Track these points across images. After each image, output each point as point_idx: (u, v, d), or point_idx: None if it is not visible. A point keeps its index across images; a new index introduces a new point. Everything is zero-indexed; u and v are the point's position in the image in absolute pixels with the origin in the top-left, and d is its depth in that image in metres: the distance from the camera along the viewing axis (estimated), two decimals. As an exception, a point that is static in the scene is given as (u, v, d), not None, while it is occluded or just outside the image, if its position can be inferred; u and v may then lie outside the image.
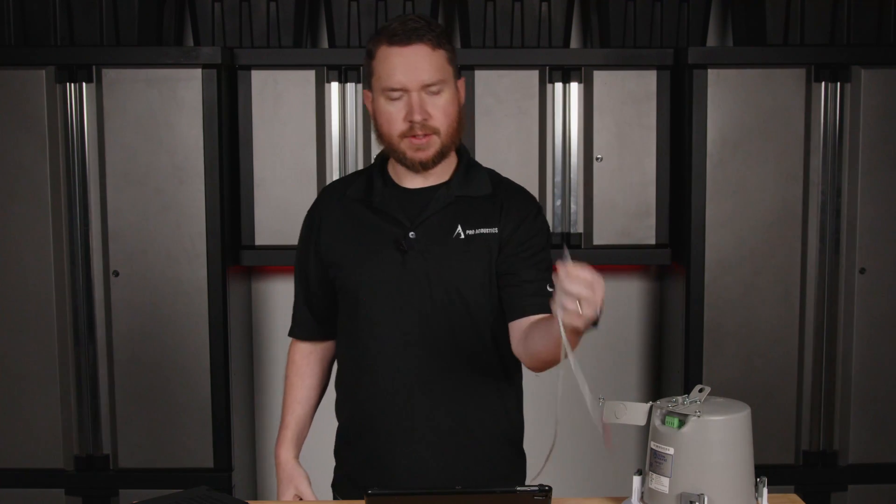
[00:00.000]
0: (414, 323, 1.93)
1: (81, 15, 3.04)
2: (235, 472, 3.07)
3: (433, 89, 1.86)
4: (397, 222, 1.93)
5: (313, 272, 2.04)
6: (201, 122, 2.93)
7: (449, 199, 1.94)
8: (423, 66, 1.84)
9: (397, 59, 1.85)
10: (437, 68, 1.86)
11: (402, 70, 1.84)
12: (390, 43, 1.86)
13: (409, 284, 1.92)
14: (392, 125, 1.88)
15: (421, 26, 1.86)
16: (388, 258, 1.92)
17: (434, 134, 1.87)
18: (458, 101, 1.92)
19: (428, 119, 1.86)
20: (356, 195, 1.99)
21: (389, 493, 1.70)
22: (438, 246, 1.92)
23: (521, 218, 1.96)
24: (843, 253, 3.01)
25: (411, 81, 1.84)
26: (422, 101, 1.85)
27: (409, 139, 1.87)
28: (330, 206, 2.02)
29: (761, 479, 1.78)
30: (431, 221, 1.93)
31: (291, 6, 3.10)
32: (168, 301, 2.97)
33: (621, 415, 1.80)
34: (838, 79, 2.97)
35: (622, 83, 3.04)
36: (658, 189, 3.08)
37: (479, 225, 1.94)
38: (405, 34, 1.85)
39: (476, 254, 1.93)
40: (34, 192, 2.93)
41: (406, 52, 1.85)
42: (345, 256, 1.96)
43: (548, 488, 1.63)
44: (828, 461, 3.07)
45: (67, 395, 3.00)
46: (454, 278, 1.92)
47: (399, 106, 1.87)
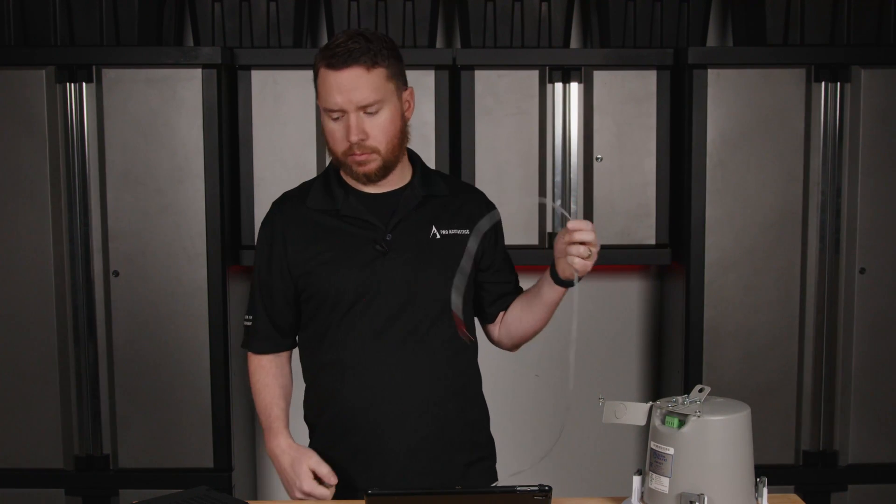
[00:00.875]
0: (397, 322, 1.96)
1: (81, 15, 3.04)
2: (235, 472, 3.07)
3: (370, 110, 1.90)
4: (371, 226, 1.97)
5: (279, 287, 2.03)
6: (201, 122, 2.93)
7: (417, 200, 2.00)
8: (357, 89, 1.87)
9: (333, 83, 1.88)
10: (374, 89, 1.88)
11: (337, 93, 1.88)
12: (327, 66, 1.89)
13: (390, 285, 1.96)
14: (334, 143, 1.94)
15: (358, 47, 1.87)
16: (367, 261, 1.96)
17: (374, 152, 1.92)
18: (402, 115, 1.95)
19: (365, 139, 1.90)
20: (318, 205, 2.01)
21: (389, 493, 1.70)
22: (416, 246, 1.98)
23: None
24: (843, 253, 3.01)
25: (347, 104, 1.88)
26: (359, 122, 1.89)
27: (351, 156, 1.93)
28: (291, 218, 2.03)
29: (761, 479, 1.78)
30: (406, 222, 1.99)
31: (291, 6, 3.10)
32: (168, 301, 2.97)
33: (621, 415, 1.81)
34: (838, 79, 2.97)
35: (622, 83, 3.04)
36: (658, 189, 3.08)
37: (450, 225, 2.02)
38: (340, 57, 1.87)
39: (452, 252, 1.98)
40: (34, 192, 2.94)
41: (341, 76, 1.87)
42: (319, 264, 1.97)
43: (548, 488, 1.63)
44: (828, 461, 3.07)
45: (67, 395, 3.00)
46: (434, 277, 1.97)
47: (339, 125, 1.91)
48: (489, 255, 2.09)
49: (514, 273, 2.17)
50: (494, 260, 2.11)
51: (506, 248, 2.16)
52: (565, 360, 1.85)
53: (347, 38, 1.89)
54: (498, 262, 2.12)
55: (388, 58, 1.91)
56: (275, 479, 3.55)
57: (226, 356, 2.99)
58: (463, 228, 2.02)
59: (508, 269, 2.16)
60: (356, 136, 1.89)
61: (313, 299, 2.00)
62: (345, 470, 2.00)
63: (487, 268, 2.10)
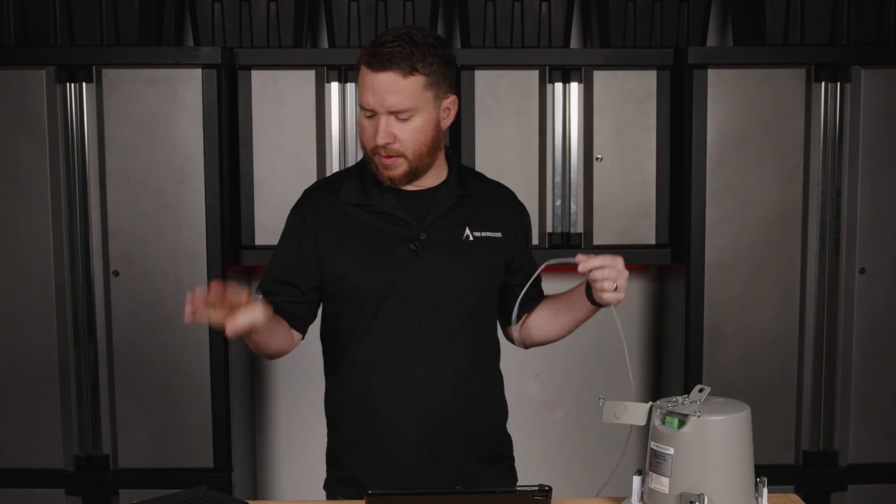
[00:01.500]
0: (426, 322, 1.95)
1: (81, 15, 3.04)
2: (235, 472, 3.07)
3: (402, 116, 1.87)
4: (406, 224, 1.95)
5: (303, 279, 2.00)
6: (201, 122, 2.93)
7: (453, 200, 1.99)
8: (390, 94, 1.85)
9: (368, 83, 1.87)
10: (407, 96, 1.86)
11: (371, 94, 1.87)
12: (366, 63, 1.87)
13: (422, 286, 1.94)
14: (365, 139, 1.93)
15: (401, 52, 1.84)
16: (400, 260, 1.94)
17: (400, 156, 1.90)
18: (436, 124, 1.92)
19: (392, 143, 1.89)
20: (353, 199, 1.99)
21: (389, 493, 1.70)
22: (449, 247, 1.96)
23: (521, 223, 2.09)
24: (843, 253, 3.01)
25: (378, 106, 1.87)
26: (388, 126, 1.87)
27: (377, 157, 1.91)
28: (325, 211, 2.00)
29: (761, 479, 1.78)
30: (440, 223, 1.97)
31: (291, 6, 3.10)
32: (168, 301, 2.97)
33: (621, 415, 1.81)
34: (838, 79, 2.97)
35: (622, 83, 3.04)
36: (658, 189, 3.08)
37: (483, 227, 2.00)
38: (379, 59, 1.85)
39: (484, 255, 1.99)
40: (34, 192, 2.93)
41: (377, 78, 1.85)
42: (350, 261, 1.95)
43: (548, 488, 1.63)
44: (828, 461, 3.07)
45: (67, 395, 3.00)
46: (466, 278, 1.97)
47: (371, 123, 1.90)
48: (519, 258, 2.08)
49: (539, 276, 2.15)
50: (524, 263, 2.10)
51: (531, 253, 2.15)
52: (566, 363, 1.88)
53: (394, 37, 1.86)
54: (527, 265, 2.10)
55: (432, 65, 1.87)
56: (275, 479, 3.55)
57: (226, 356, 2.99)
58: (495, 231, 2.01)
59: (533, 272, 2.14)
60: (383, 139, 1.87)
61: (341, 295, 1.98)
62: (365, 469, 1.99)
63: (518, 270, 2.08)
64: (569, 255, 1.90)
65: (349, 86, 3.05)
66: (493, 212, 2.03)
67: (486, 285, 2.02)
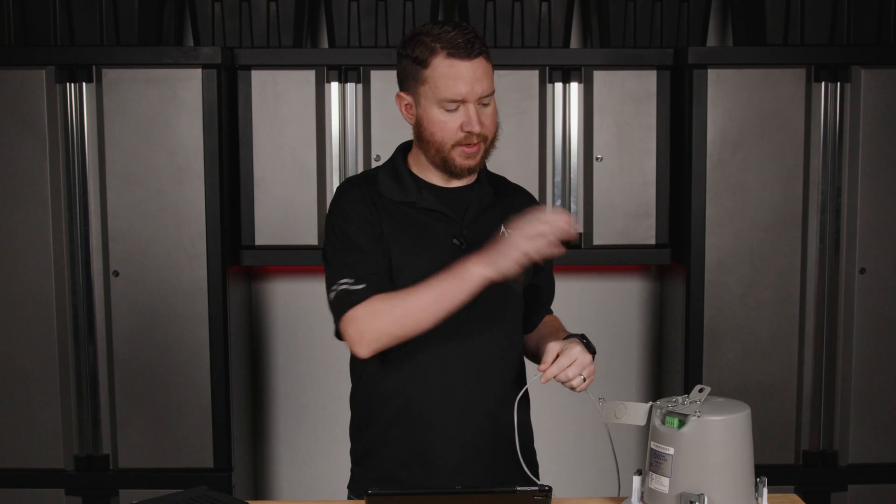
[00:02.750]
0: (469, 318, 1.93)
1: (81, 15, 3.04)
2: (235, 472, 3.07)
3: (485, 101, 1.90)
4: (449, 220, 1.96)
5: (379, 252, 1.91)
6: (201, 122, 2.93)
7: (489, 198, 2.01)
8: (483, 80, 1.88)
9: (461, 72, 1.86)
10: (490, 80, 1.90)
11: (465, 83, 1.86)
12: (451, 55, 1.86)
13: None
14: (447, 134, 1.90)
15: (475, 38, 1.87)
16: (446, 254, 1.92)
17: (483, 142, 1.93)
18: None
19: (482, 129, 1.90)
20: (394, 195, 1.96)
21: (389, 493, 1.70)
22: (490, 242, 1.94)
23: None
24: (843, 253, 3.01)
25: (472, 94, 1.87)
26: (479, 113, 1.89)
27: (462, 147, 1.91)
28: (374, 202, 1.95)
29: (761, 479, 1.78)
30: (479, 219, 1.98)
31: (291, 6, 3.10)
32: (168, 301, 2.97)
33: (621, 415, 1.81)
34: (838, 79, 2.97)
35: (622, 83, 3.04)
36: (658, 189, 3.08)
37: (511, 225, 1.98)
38: (466, 46, 1.85)
39: None
40: (34, 192, 2.94)
41: (470, 66, 1.86)
42: (402, 254, 1.93)
43: (548, 488, 1.63)
44: (828, 461, 3.07)
45: (67, 395, 3.00)
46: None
47: (455, 115, 1.89)
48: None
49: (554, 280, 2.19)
50: (547, 263, 2.07)
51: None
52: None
53: (455, 28, 1.87)
54: (549, 265, 2.11)
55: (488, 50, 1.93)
56: (275, 479, 3.56)
57: (226, 356, 2.99)
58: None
59: (550, 273, 2.16)
60: (478, 126, 1.88)
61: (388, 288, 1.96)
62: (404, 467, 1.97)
63: (542, 269, 2.08)
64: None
65: (349, 86, 3.05)
66: (518, 210, 2.00)
67: (523, 282, 2.03)
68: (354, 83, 3.04)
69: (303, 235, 3.05)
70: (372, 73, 3.02)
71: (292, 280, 3.45)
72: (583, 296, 3.51)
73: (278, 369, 3.51)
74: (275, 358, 3.50)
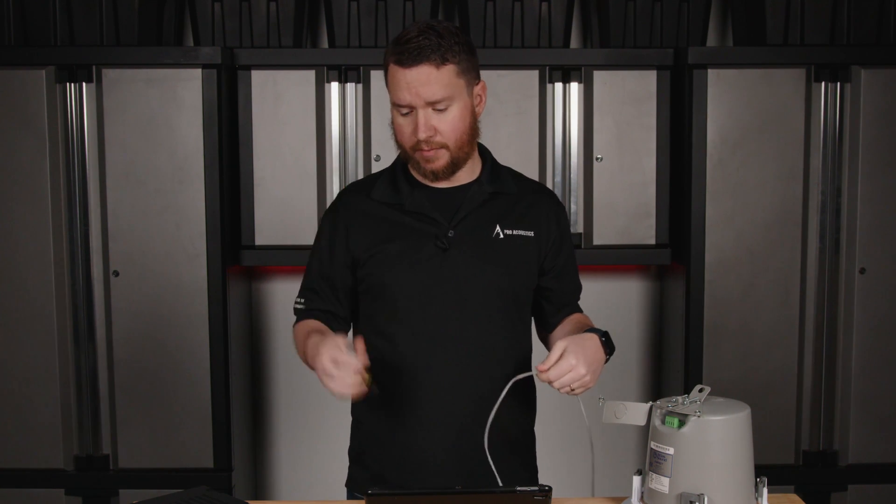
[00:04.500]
0: (455, 320, 1.94)
1: (81, 15, 3.04)
2: (235, 472, 3.07)
3: (439, 106, 1.88)
4: (434, 222, 1.96)
5: (339, 276, 2.01)
6: (201, 122, 2.93)
7: (484, 197, 1.99)
8: (427, 86, 1.86)
9: (402, 80, 1.87)
10: (443, 86, 1.87)
11: (406, 90, 1.87)
12: (396, 62, 1.87)
13: (450, 282, 1.94)
14: (403, 137, 1.93)
15: (429, 44, 1.85)
16: (428, 257, 1.94)
17: (442, 148, 1.91)
18: (472, 111, 1.94)
19: (434, 136, 1.89)
20: (383, 198, 1.99)
21: (389, 493, 1.70)
22: (479, 244, 1.96)
23: (557, 223, 2.05)
24: (843, 253, 3.01)
25: (416, 101, 1.87)
26: (427, 119, 1.88)
27: (419, 152, 1.91)
28: (356, 210, 2.01)
29: (761, 479, 1.78)
30: (469, 220, 1.97)
31: (291, 6, 3.10)
32: (168, 301, 2.97)
33: (621, 415, 1.81)
34: (838, 79, 2.97)
35: (622, 83, 3.04)
36: (658, 189, 3.08)
37: (515, 226, 2.00)
38: (410, 54, 1.85)
39: (516, 253, 1.98)
40: (34, 192, 2.93)
41: (409, 73, 1.86)
42: (379, 259, 1.96)
43: (548, 488, 1.63)
44: (828, 461, 3.07)
45: (67, 395, 3.00)
46: (496, 276, 1.96)
47: (408, 120, 1.90)
48: (552, 258, 2.05)
49: (576, 278, 2.14)
50: (557, 263, 2.06)
51: (573, 248, 2.12)
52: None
53: (419, 32, 1.87)
54: (560, 266, 2.07)
55: (460, 53, 1.89)
56: (275, 479, 3.56)
57: (226, 356, 2.99)
58: (528, 230, 2.00)
59: (572, 276, 2.12)
60: (425, 133, 1.88)
61: (371, 292, 1.98)
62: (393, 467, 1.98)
63: (549, 271, 2.06)
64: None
65: (349, 86, 3.05)
66: (527, 210, 2.02)
67: (516, 283, 2.00)
68: (354, 83, 3.04)
69: (303, 235, 3.05)
70: (372, 73, 3.02)
71: (292, 280, 3.44)
72: (583, 296, 3.50)
73: (278, 369, 3.51)
74: (275, 358, 3.50)
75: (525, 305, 2.05)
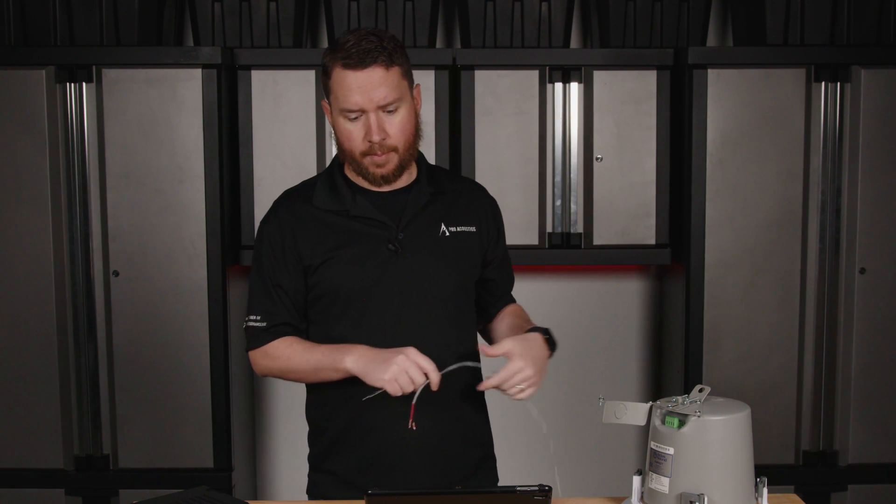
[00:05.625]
0: (411, 320, 1.96)
1: (81, 15, 3.04)
2: (235, 472, 3.07)
3: (390, 108, 1.90)
4: (382, 225, 1.97)
5: (291, 283, 1.99)
6: (201, 122, 2.93)
7: (426, 198, 2.01)
8: (377, 88, 1.87)
9: (352, 83, 1.87)
10: (392, 87, 1.88)
11: (357, 93, 1.87)
12: (344, 66, 1.88)
13: (404, 285, 1.96)
14: (352, 143, 1.93)
15: (374, 46, 1.87)
16: (381, 261, 1.95)
17: (392, 151, 1.92)
18: (416, 113, 1.96)
19: (386, 139, 1.90)
20: (326, 205, 1.99)
21: (389, 493, 1.70)
22: (428, 244, 1.98)
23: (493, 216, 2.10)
24: (843, 253, 3.01)
25: (368, 104, 1.88)
26: (379, 122, 1.89)
27: (370, 156, 1.92)
28: (299, 217, 2.00)
29: (761, 479, 1.78)
30: (416, 221, 1.99)
31: (291, 6, 3.10)
32: (168, 301, 2.97)
33: (621, 415, 1.81)
34: (838, 79, 2.97)
35: (622, 83, 3.04)
36: (658, 189, 3.08)
37: (458, 222, 2.03)
38: (359, 57, 1.86)
39: (462, 251, 2.02)
40: (34, 192, 2.94)
41: (360, 76, 1.87)
42: (331, 265, 1.96)
43: (548, 488, 1.63)
44: (828, 461, 3.07)
45: (67, 395, 3.00)
46: (448, 273, 1.99)
47: (358, 125, 1.91)
48: (492, 250, 2.10)
49: (511, 269, 2.19)
50: (496, 255, 2.11)
51: (506, 242, 2.18)
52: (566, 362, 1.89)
53: (359, 37, 1.88)
54: (499, 257, 2.13)
55: (402, 55, 1.91)
56: (275, 479, 3.55)
57: (226, 356, 2.99)
58: (470, 226, 2.03)
59: (508, 266, 2.18)
60: (378, 135, 1.88)
61: (323, 298, 1.98)
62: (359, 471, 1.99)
63: (490, 262, 2.10)
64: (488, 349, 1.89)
65: (349, 86, 3.04)
66: (465, 207, 2.06)
67: (466, 279, 2.04)
68: (354, 83, 3.04)
69: (303, 235, 3.05)
70: (372, 73, 3.02)
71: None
72: (583, 296, 3.52)
73: (278, 369, 3.50)
74: (275, 358, 3.50)
75: (471, 298, 2.08)
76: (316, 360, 1.96)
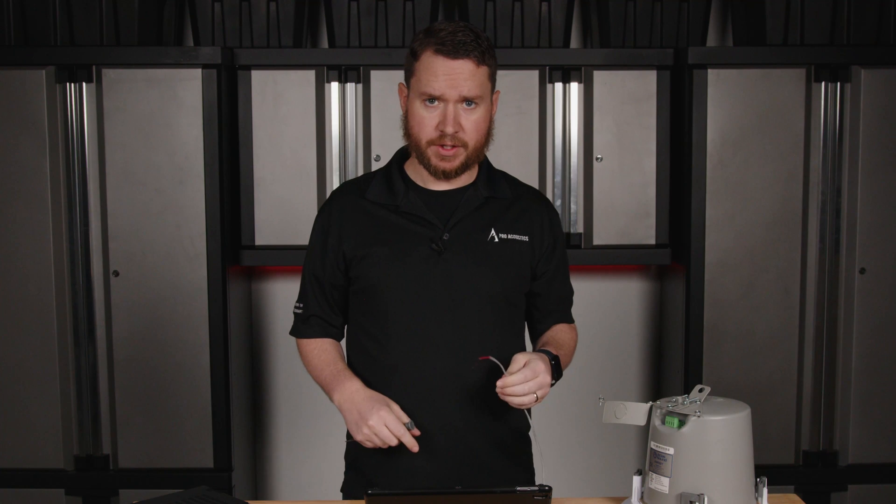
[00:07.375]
0: (447, 323, 1.94)
1: (81, 15, 3.04)
2: (235, 472, 3.07)
3: (470, 104, 1.89)
4: (429, 224, 1.95)
5: (331, 278, 2.01)
6: (201, 122, 2.93)
7: (479, 201, 1.98)
8: (465, 81, 1.86)
9: (441, 69, 1.86)
10: (478, 84, 1.88)
11: (444, 81, 1.86)
12: (437, 51, 1.87)
13: (444, 286, 1.93)
14: (423, 130, 1.91)
15: (470, 40, 1.86)
16: (422, 260, 1.93)
17: (462, 147, 1.91)
18: (491, 116, 1.95)
19: (459, 132, 1.89)
20: (377, 198, 1.99)
21: (390, 493, 1.70)
22: (474, 248, 1.95)
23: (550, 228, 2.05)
24: (843, 253, 3.01)
25: (451, 93, 1.87)
26: (456, 114, 1.88)
27: (437, 147, 1.90)
28: (348, 210, 2.00)
29: (761, 479, 1.78)
30: (465, 223, 1.96)
31: (291, 6, 3.10)
32: (168, 301, 2.97)
33: (621, 415, 1.81)
34: (838, 79, 2.97)
35: (622, 83, 3.04)
36: (658, 189, 3.08)
37: (509, 230, 1.99)
38: (453, 46, 1.85)
39: (511, 258, 1.98)
40: (34, 192, 2.94)
41: (451, 64, 1.86)
42: (372, 259, 1.95)
43: (548, 488, 1.63)
44: (828, 461, 3.07)
45: (67, 395, 3.00)
46: (491, 281, 1.96)
47: (434, 113, 1.89)
48: (544, 263, 2.05)
49: (567, 285, 2.14)
50: (548, 268, 2.06)
51: (566, 256, 2.12)
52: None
53: (455, 28, 1.87)
54: (550, 271, 2.07)
55: (491, 57, 1.91)
56: (275, 479, 3.56)
57: (226, 356, 2.99)
58: (522, 234, 2.00)
59: (561, 282, 2.12)
60: (452, 127, 1.87)
61: (363, 293, 1.98)
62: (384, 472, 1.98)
63: (541, 276, 2.06)
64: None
65: (349, 86, 3.05)
66: (521, 215, 2.02)
67: (509, 288, 1.99)
68: (354, 83, 3.04)
69: (303, 235, 3.04)
70: (372, 73, 3.02)
71: (292, 280, 3.44)
72: (583, 296, 3.49)
73: (278, 369, 3.51)
74: (275, 358, 3.50)
75: (517, 310, 2.04)
76: (322, 380, 2.02)
